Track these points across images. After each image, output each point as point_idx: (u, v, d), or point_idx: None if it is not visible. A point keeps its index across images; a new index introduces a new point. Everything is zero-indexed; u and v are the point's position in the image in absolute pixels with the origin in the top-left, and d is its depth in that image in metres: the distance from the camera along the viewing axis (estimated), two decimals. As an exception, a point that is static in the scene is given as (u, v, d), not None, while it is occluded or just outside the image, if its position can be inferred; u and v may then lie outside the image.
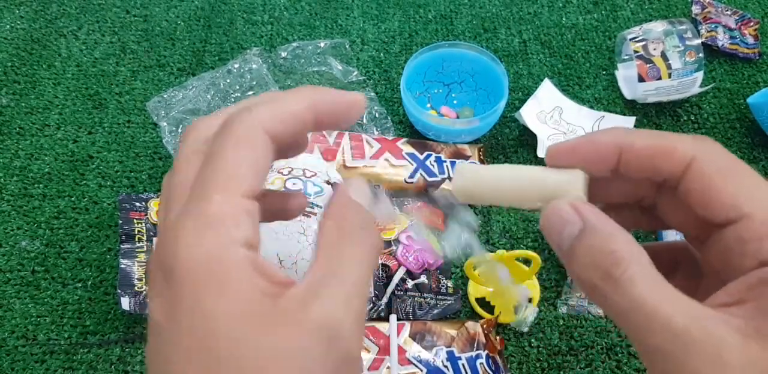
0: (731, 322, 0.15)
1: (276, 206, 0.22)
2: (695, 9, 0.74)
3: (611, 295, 0.17)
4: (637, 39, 0.66)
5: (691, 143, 0.18)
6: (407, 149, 0.59)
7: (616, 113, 0.67)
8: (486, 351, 0.48)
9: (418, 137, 0.63)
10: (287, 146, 0.19)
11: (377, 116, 0.64)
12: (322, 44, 0.69)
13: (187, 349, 0.15)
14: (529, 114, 0.63)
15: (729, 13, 0.74)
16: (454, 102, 0.66)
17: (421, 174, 0.58)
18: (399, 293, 0.52)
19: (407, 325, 0.49)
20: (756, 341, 0.15)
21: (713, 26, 0.72)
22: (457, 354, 0.48)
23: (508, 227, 0.58)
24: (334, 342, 0.15)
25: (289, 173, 0.50)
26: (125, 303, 0.50)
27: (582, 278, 0.18)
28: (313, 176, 0.51)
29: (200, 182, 0.16)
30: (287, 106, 0.18)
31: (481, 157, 0.61)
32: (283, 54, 0.68)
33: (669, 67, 0.65)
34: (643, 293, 0.16)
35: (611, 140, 0.19)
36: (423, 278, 0.52)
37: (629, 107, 0.68)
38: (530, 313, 0.51)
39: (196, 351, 0.15)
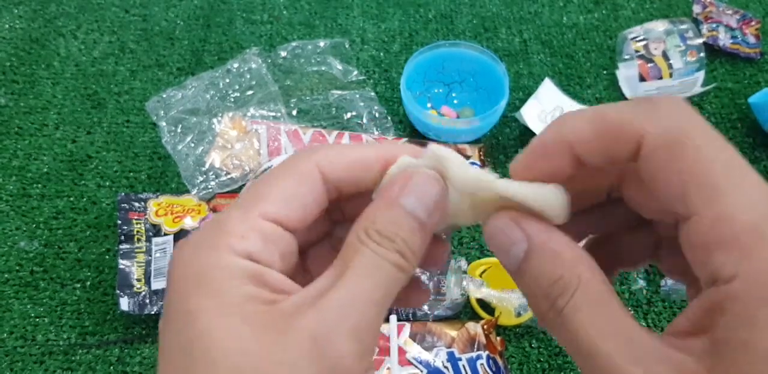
0: (681, 364, 0.13)
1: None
2: (696, 8, 0.74)
3: (557, 329, 0.15)
4: (638, 38, 0.66)
5: (640, 117, 0.15)
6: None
7: (617, 112, 0.67)
8: (487, 352, 0.48)
9: (418, 137, 0.63)
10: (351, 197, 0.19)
11: (377, 115, 0.64)
12: (321, 44, 0.69)
13: (170, 350, 0.15)
14: (530, 114, 0.63)
15: (730, 12, 0.74)
16: (455, 102, 0.66)
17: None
18: None
19: (407, 326, 0.49)
20: None
21: (714, 26, 0.72)
22: (457, 355, 0.48)
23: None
24: (321, 353, 0.14)
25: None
26: (124, 303, 0.50)
27: (531, 305, 0.16)
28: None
29: (234, 201, 0.17)
30: (354, 150, 0.18)
31: (482, 157, 0.61)
32: (283, 54, 0.68)
33: (670, 66, 0.64)
34: (585, 326, 0.14)
35: (559, 141, 0.17)
36: (424, 279, 0.52)
37: (630, 106, 0.68)
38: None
39: (177, 352, 0.15)
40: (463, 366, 0.47)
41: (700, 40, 0.64)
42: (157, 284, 0.51)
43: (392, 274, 0.16)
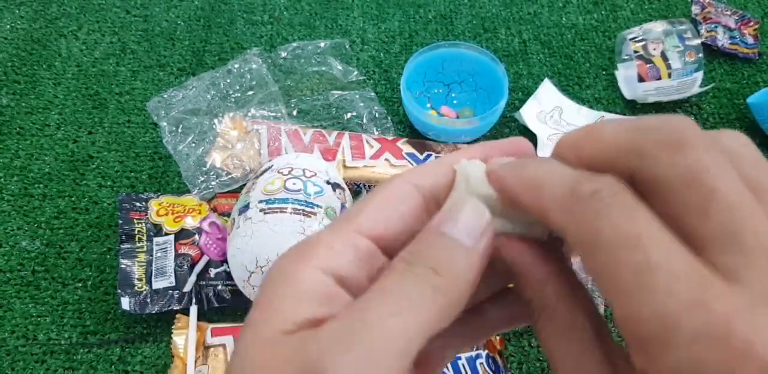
0: None
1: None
2: (695, 9, 0.74)
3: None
4: (637, 39, 0.66)
5: (629, 160, 0.14)
6: (407, 149, 0.59)
7: (616, 113, 0.67)
8: (486, 351, 0.48)
9: (418, 137, 0.63)
10: None
11: (377, 116, 0.64)
12: (322, 44, 0.69)
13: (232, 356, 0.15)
14: (529, 114, 0.63)
15: (729, 13, 0.74)
16: (454, 102, 0.66)
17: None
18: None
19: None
20: None
21: (713, 26, 0.72)
22: (456, 354, 0.48)
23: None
24: None
25: (289, 172, 0.50)
26: (125, 303, 0.50)
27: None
28: (313, 176, 0.51)
29: (337, 217, 0.17)
30: (440, 162, 0.18)
31: (481, 157, 0.61)
32: (283, 54, 0.68)
33: (669, 67, 0.65)
34: (552, 352, 0.15)
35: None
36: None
37: (629, 107, 0.68)
38: None
39: (231, 359, 0.15)
40: (463, 365, 0.47)
41: (699, 41, 0.65)
42: (158, 283, 0.51)
43: (423, 294, 0.14)
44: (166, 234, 0.53)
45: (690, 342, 0.12)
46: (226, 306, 0.51)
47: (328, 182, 0.51)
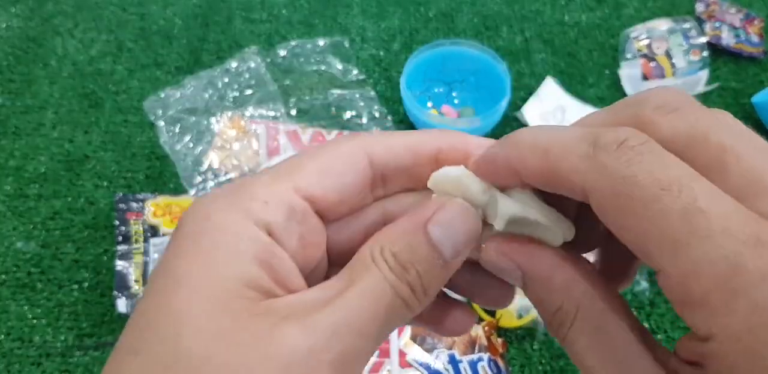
0: None
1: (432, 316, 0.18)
2: (699, 7, 0.73)
3: (566, 350, 0.15)
4: (640, 37, 0.65)
5: (584, 164, 0.13)
6: (411, 130, 0.59)
7: (619, 112, 0.66)
8: (488, 354, 0.48)
9: (418, 137, 0.62)
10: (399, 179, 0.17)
11: (377, 115, 0.63)
12: (321, 43, 0.68)
13: (140, 317, 0.13)
14: (532, 113, 0.63)
15: (733, 11, 0.74)
16: (456, 101, 0.66)
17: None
18: None
19: (408, 328, 0.48)
20: None
21: (718, 25, 0.71)
22: (458, 357, 0.47)
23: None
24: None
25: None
26: (122, 305, 0.49)
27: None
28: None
29: (268, 167, 0.16)
30: (406, 135, 0.17)
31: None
32: (282, 53, 0.67)
33: (673, 65, 0.64)
34: (585, 355, 0.14)
35: (505, 165, 0.15)
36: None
37: (632, 106, 0.67)
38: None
39: (146, 325, 0.13)
40: (464, 368, 0.47)
41: (704, 39, 0.64)
42: (155, 285, 0.50)
43: (396, 306, 0.14)
44: (163, 235, 0.53)
45: (762, 280, 0.11)
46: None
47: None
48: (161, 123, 0.61)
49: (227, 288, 0.13)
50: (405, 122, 0.64)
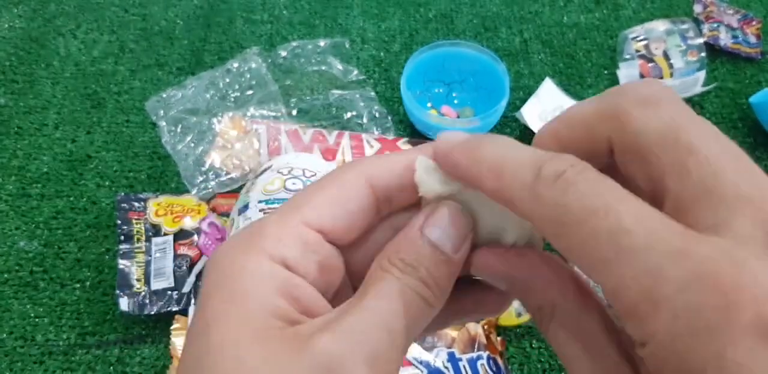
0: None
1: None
2: (697, 8, 0.74)
3: (547, 338, 0.17)
4: (638, 38, 0.65)
5: (605, 125, 0.14)
6: (407, 148, 0.59)
7: (618, 112, 0.66)
8: (487, 353, 0.48)
9: (418, 137, 0.63)
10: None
11: (377, 115, 0.64)
12: (321, 43, 0.69)
13: (186, 356, 0.14)
14: (531, 114, 0.63)
15: (731, 12, 0.74)
16: (455, 101, 0.66)
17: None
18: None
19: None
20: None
21: (715, 25, 0.72)
22: (458, 356, 0.47)
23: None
24: None
25: (289, 172, 0.50)
26: (124, 303, 0.50)
27: None
28: (312, 176, 0.50)
29: (274, 210, 0.17)
30: (401, 156, 0.17)
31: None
32: (283, 53, 0.68)
33: (671, 66, 0.64)
34: (563, 348, 0.15)
35: (546, 143, 0.16)
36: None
37: (631, 106, 0.67)
38: None
39: (191, 360, 0.14)
40: (464, 366, 0.47)
41: (701, 40, 0.64)
42: (157, 284, 0.51)
43: (415, 303, 0.15)
44: (165, 235, 0.53)
45: (679, 290, 0.11)
46: (226, 306, 0.51)
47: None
48: (163, 123, 0.61)
49: (256, 320, 0.14)
50: (405, 122, 0.65)
